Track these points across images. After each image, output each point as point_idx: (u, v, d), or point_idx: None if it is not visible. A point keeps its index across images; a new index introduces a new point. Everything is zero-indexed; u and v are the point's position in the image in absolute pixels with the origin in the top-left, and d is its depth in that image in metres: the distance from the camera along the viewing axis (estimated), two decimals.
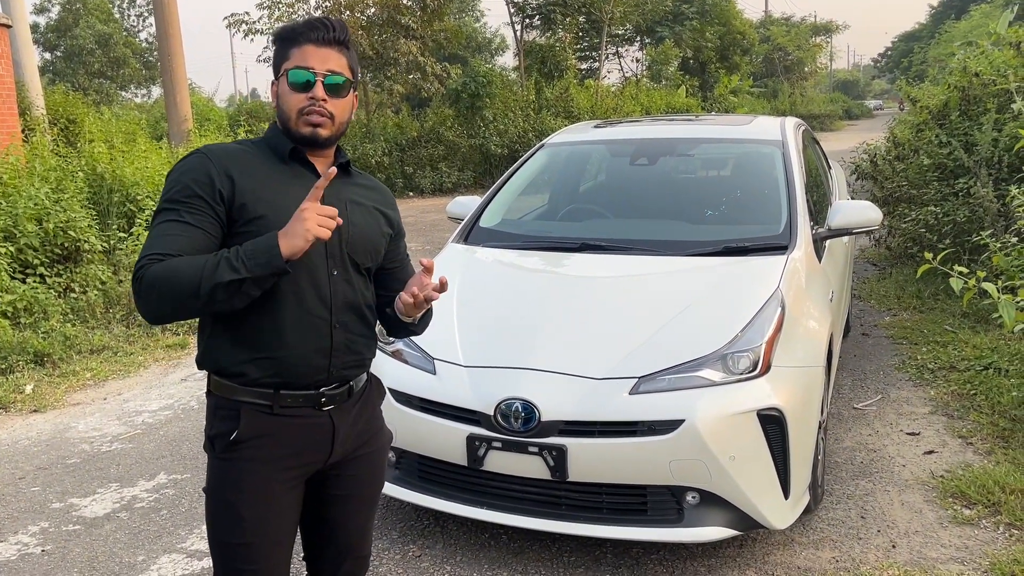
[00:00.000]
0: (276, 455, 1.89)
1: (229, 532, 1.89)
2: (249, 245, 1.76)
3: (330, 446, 1.96)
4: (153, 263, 1.74)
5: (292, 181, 1.91)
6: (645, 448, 2.94)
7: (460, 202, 4.75)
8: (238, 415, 1.87)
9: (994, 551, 3.19)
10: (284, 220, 1.78)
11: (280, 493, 1.91)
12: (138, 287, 1.75)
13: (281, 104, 1.92)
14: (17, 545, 3.52)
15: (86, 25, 36.69)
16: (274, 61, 1.97)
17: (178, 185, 1.82)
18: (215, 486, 1.91)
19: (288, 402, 1.89)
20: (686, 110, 25.18)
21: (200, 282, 1.71)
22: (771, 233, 3.89)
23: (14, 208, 6.68)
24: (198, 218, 1.80)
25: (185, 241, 1.77)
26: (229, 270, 1.71)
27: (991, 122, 6.87)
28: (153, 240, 1.78)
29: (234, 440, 1.86)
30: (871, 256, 8.58)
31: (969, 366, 5.13)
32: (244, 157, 1.90)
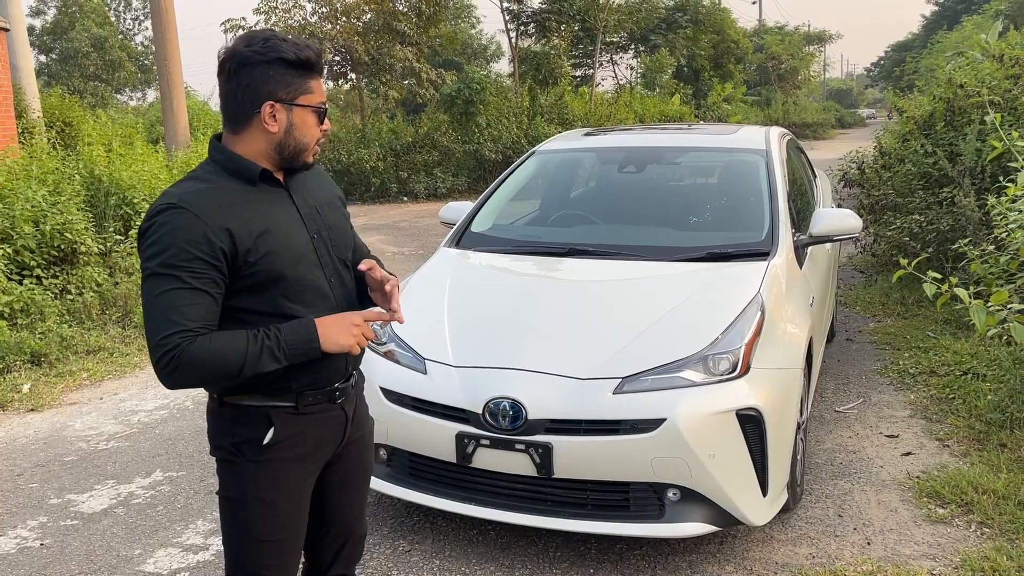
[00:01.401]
0: (304, 452, 2.00)
1: (270, 529, 1.98)
2: (289, 334, 1.85)
3: (343, 434, 2.10)
4: (187, 341, 1.76)
5: (271, 204, 1.93)
6: (628, 446, 3.04)
7: (453, 207, 4.85)
8: (267, 419, 1.94)
9: (965, 548, 3.30)
10: (280, 246, 1.89)
11: (307, 486, 2.05)
12: (174, 364, 1.75)
13: (300, 136, 1.92)
14: (16, 539, 3.61)
15: (82, 28, 36.72)
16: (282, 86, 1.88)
17: (173, 248, 1.78)
18: (250, 488, 1.96)
19: (309, 401, 1.99)
20: (679, 118, 25.34)
21: (243, 368, 1.80)
22: (753, 240, 4.00)
23: (11, 210, 6.76)
24: (203, 281, 1.80)
25: (201, 310, 1.79)
26: (271, 360, 1.83)
27: (975, 133, 7.01)
28: (167, 311, 1.77)
29: (268, 443, 1.94)
30: (858, 263, 8.70)
31: (949, 371, 5.25)
32: (222, 197, 1.86)
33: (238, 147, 1.92)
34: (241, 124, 1.90)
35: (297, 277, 1.93)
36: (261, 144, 1.91)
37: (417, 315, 3.77)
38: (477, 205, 4.77)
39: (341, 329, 1.91)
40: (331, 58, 19.06)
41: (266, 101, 1.87)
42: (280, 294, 1.91)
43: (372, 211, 16.07)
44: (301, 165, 1.98)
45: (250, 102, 1.88)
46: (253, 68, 1.86)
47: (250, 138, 1.91)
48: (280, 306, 1.91)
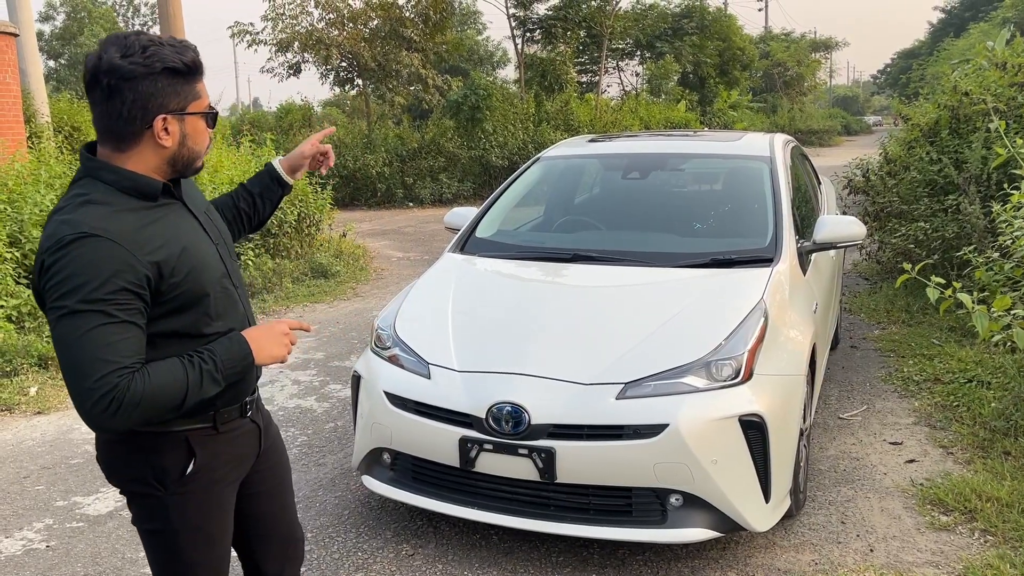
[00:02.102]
0: (225, 472, 1.95)
1: (205, 551, 1.95)
2: (224, 354, 1.79)
3: (258, 446, 2.07)
4: (125, 379, 1.63)
5: (175, 217, 1.84)
6: (631, 451, 3.05)
7: (458, 213, 4.87)
8: (187, 446, 1.86)
9: (968, 556, 3.30)
10: (199, 261, 1.82)
11: (232, 500, 2.02)
12: (115, 406, 1.62)
13: (193, 144, 1.82)
14: (22, 541, 3.63)
15: (91, 33, 36.97)
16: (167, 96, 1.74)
17: (95, 281, 1.63)
18: (177, 519, 1.89)
19: (225, 418, 1.93)
20: (685, 125, 25.36)
21: (186, 398, 1.72)
22: (757, 246, 4.02)
23: (20, 214, 6.80)
24: (131, 313, 1.67)
25: (133, 344, 1.67)
26: (212, 384, 1.77)
27: (980, 140, 7.02)
28: (99, 350, 1.62)
29: (191, 472, 1.86)
30: (863, 270, 8.70)
31: (953, 379, 5.24)
32: (133, 220, 1.73)
33: (128, 164, 1.77)
34: (128, 142, 1.75)
35: (215, 292, 1.87)
36: (152, 160, 1.78)
37: (421, 320, 3.79)
38: (482, 211, 4.79)
39: (272, 340, 1.88)
40: (338, 64, 19.13)
41: (157, 115, 1.74)
42: (203, 312, 1.84)
43: (377, 216, 16.11)
44: (191, 173, 1.88)
45: (140, 118, 1.73)
46: (138, 82, 1.70)
47: (140, 155, 1.77)
48: (200, 325, 1.84)
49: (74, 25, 37.91)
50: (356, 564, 3.36)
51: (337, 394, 5.48)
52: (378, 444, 3.50)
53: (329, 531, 3.64)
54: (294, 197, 9.94)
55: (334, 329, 7.27)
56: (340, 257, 10.20)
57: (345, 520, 3.74)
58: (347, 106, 29.73)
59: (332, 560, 3.40)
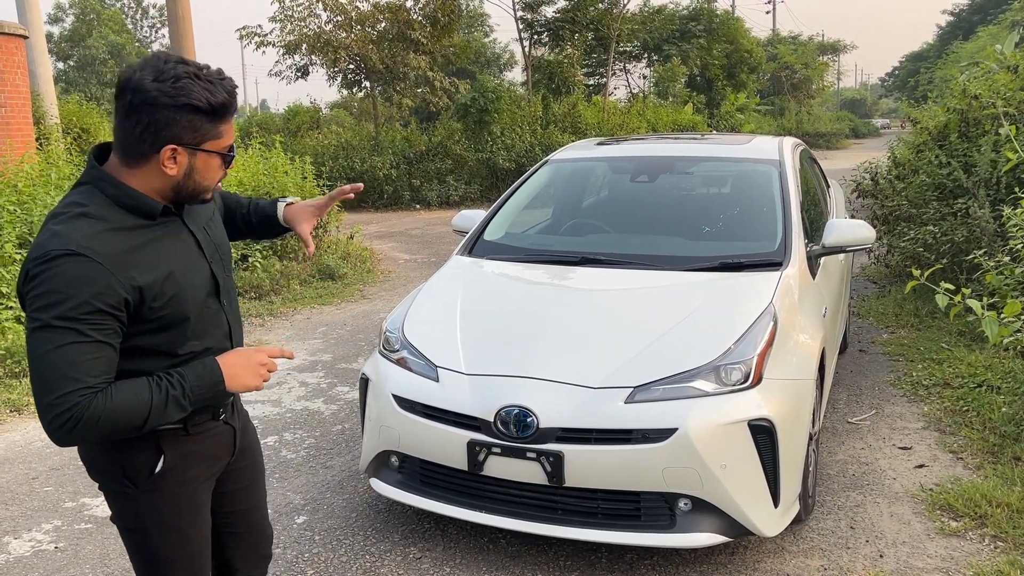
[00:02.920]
0: (197, 471, 1.97)
1: (178, 548, 1.96)
2: (194, 380, 1.78)
3: (233, 448, 2.09)
4: (87, 399, 1.64)
5: (169, 237, 1.86)
6: (639, 455, 3.04)
7: (465, 215, 4.87)
8: (156, 446, 1.88)
9: (978, 562, 3.28)
10: (183, 285, 1.83)
11: (206, 500, 2.04)
12: (71, 424, 1.63)
13: (201, 178, 1.83)
14: (31, 542, 3.64)
15: (99, 36, 37.14)
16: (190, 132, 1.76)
17: (72, 300, 1.63)
18: (150, 516, 1.91)
19: (196, 421, 1.94)
20: (692, 127, 25.33)
21: (147, 420, 1.72)
22: (766, 250, 4.01)
23: (29, 215, 6.83)
24: (105, 333, 1.68)
25: (102, 364, 1.68)
26: (177, 409, 1.76)
27: (989, 144, 6.99)
28: (64, 367, 1.63)
29: (161, 471, 1.88)
30: (871, 274, 8.67)
31: (963, 383, 5.22)
32: (123, 241, 1.74)
33: (132, 180, 1.78)
34: (137, 159, 1.77)
35: (199, 316, 1.88)
36: (156, 182, 1.79)
37: (429, 323, 3.79)
38: (490, 213, 4.79)
39: (247, 370, 1.86)
40: (346, 66, 19.17)
41: (167, 145, 1.74)
42: (180, 333, 1.85)
43: (385, 218, 16.13)
44: (197, 203, 1.91)
45: (150, 143, 1.74)
46: (158, 109, 1.71)
47: (145, 175, 1.78)
48: (177, 344, 1.85)
49: (83, 27, 38.08)
50: (364, 567, 3.36)
51: (345, 396, 5.49)
52: (386, 447, 3.50)
53: (337, 534, 3.64)
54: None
55: (341, 331, 7.28)
56: (347, 259, 10.21)
57: (353, 523, 3.74)
58: (354, 108, 29.79)
59: (340, 563, 3.40)
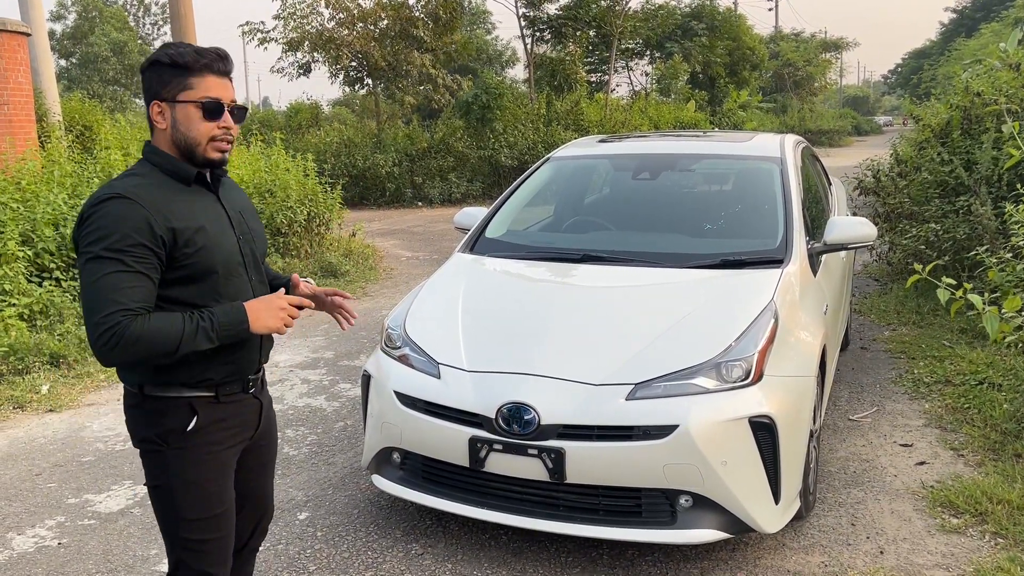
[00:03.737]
0: (224, 436, 2.16)
1: (202, 507, 2.13)
2: (222, 317, 2.00)
3: (258, 421, 2.28)
4: (128, 319, 1.88)
5: (204, 203, 2.11)
6: (640, 452, 3.05)
7: (467, 213, 4.88)
8: (190, 409, 2.08)
9: (979, 558, 3.29)
10: (213, 242, 2.06)
11: (231, 467, 2.21)
12: (114, 341, 1.87)
13: (186, 131, 2.04)
14: (35, 538, 3.65)
15: (101, 33, 37.13)
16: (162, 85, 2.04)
17: (117, 233, 1.91)
18: (178, 473, 2.10)
19: (227, 391, 2.15)
20: (694, 125, 25.31)
21: (179, 346, 1.94)
22: (767, 247, 4.01)
23: (32, 213, 6.84)
24: (145, 265, 1.94)
25: (141, 292, 1.93)
26: (206, 340, 1.98)
27: (991, 141, 6.99)
28: (110, 291, 1.89)
29: (192, 430, 2.08)
30: (873, 271, 8.67)
31: (964, 380, 5.22)
32: (163, 194, 2.02)
33: (160, 147, 2.09)
34: (152, 129, 2.09)
35: (227, 273, 2.09)
36: (163, 142, 2.07)
37: (431, 320, 3.80)
38: (492, 211, 4.79)
39: (269, 312, 2.06)
40: (348, 63, 19.17)
41: (152, 102, 2.05)
42: (210, 288, 2.06)
43: (387, 216, 16.14)
44: (205, 162, 2.09)
45: (146, 104, 2.08)
46: (143, 75, 2.08)
47: (158, 138, 2.08)
48: (207, 299, 2.06)
49: (85, 24, 38.07)
50: (366, 563, 3.38)
51: (347, 393, 5.50)
52: (388, 443, 3.51)
53: (339, 530, 3.65)
54: (303, 197, 9.97)
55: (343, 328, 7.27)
56: (349, 256, 10.22)
57: (355, 519, 3.75)
58: (357, 106, 29.77)
59: (342, 559, 3.41)
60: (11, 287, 6.26)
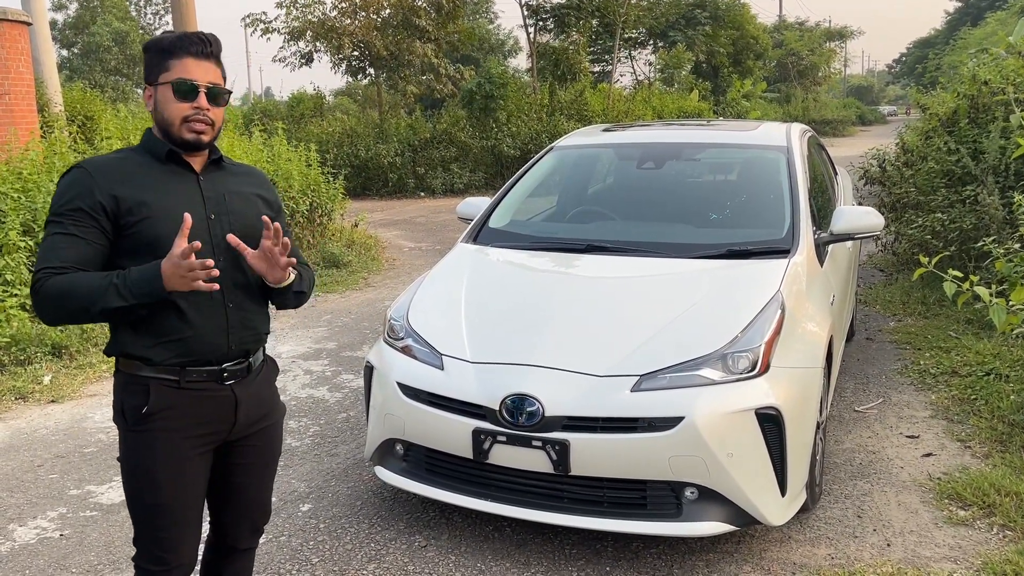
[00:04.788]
0: (184, 424, 2.11)
1: (147, 494, 2.11)
2: (135, 274, 1.95)
3: (233, 417, 2.19)
4: (48, 277, 1.96)
5: (171, 179, 2.13)
6: (645, 444, 3.02)
7: (470, 203, 4.84)
8: (147, 391, 2.08)
9: (987, 551, 3.26)
10: (166, 216, 2.05)
11: (190, 458, 2.14)
12: (36, 299, 1.98)
13: (163, 111, 2.10)
14: (36, 529, 3.64)
15: (103, 23, 37.00)
16: (149, 70, 2.13)
17: (62, 200, 2.02)
18: (130, 454, 2.12)
19: (193, 377, 2.11)
20: (698, 114, 25.20)
21: (90, 304, 1.95)
22: (774, 237, 3.97)
23: (33, 203, 6.81)
24: (82, 229, 2.00)
25: (73, 252, 1.99)
26: (117, 297, 1.94)
27: (998, 130, 6.92)
28: (44, 253, 1.99)
29: (146, 413, 2.08)
30: (878, 262, 8.63)
31: (971, 372, 5.19)
32: (122, 166, 2.10)
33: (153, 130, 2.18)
34: None
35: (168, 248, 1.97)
36: (154, 124, 2.16)
37: (434, 311, 3.77)
38: (495, 201, 4.75)
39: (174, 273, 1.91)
40: (350, 53, 19.09)
41: (146, 87, 2.15)
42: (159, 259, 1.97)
43: (389, 206, 16.10)
44: (179, 141, 2.11)
45: None
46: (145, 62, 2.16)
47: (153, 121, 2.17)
48: None
49: (87, 14, 37.94)
50: (368, 555, 3.36)
51: (349, 384, 5.47)
52: (391, 435, 3.48)
53: (341, 522, 3.63)
54: (306, 187, 9.93)
55: (346, 319, 7.26)
56: (352, 247, 10.19)
57: (358, 511, 3.73)
58: (359, 96, 29.69)
59: (344, 551, 3.39)
60: (13, 277, 6.24)
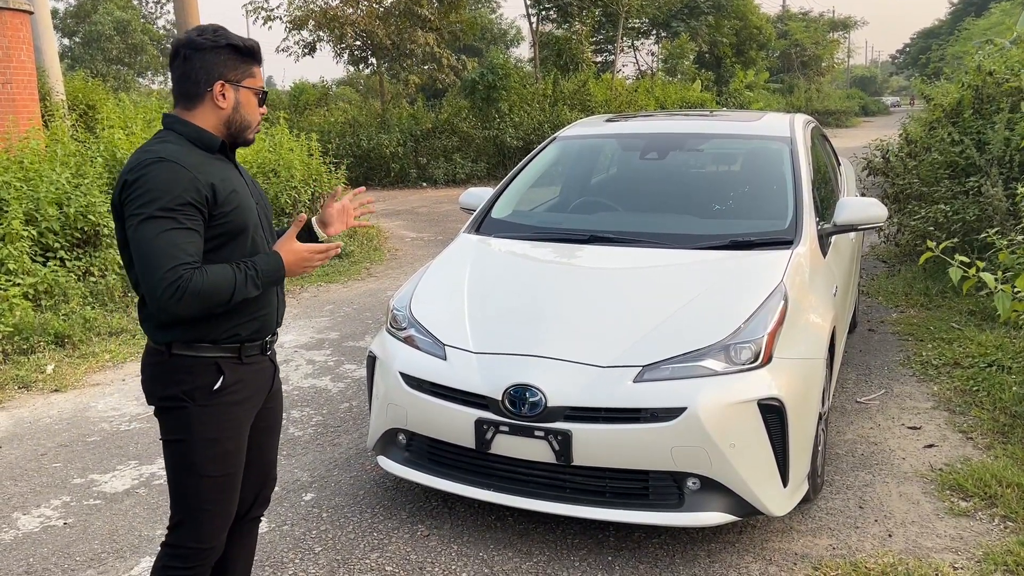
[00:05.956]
0: (245, 396, 2.28)
1: (214, 467, 2.22)
2: (263, 264, 2.18)
3: (271, 384, 2.41)
4: (189, 272, 2.03)
5: (228, 170, 2.24)
6: (648, 434, 3.03)
7: (473, 193, 4.83)
8: (216, 368, 2.20)
9: (988, 542, 3.27)
10: (246, 206, 2.22)
11: (247, 427, 2.32)
12: (180, 293, 2.01)
13: (245, 113, 2.24)
14: (40, 518, 3.65)
15: (105, 12, 36.92)
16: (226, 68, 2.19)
17: (168, 195, 2.05)
18: (198, 430, 2.20)
19: (250, 352, 2.28)
20: (701, 105, 25.12)
21: (233, 295, 2.11)
22: (777, 228, 3.96)
23: (36, 192, 6.81)
24: (195, 222, 2.09)
25: (195, 247, 2.08)
26: (254, 287, 2.15)
27: (1004, 121, 6.90)
28: (168, 249, 2.03)
29: (218, 388, 2.20)
30: (881, 253, 8.61)
31: (973, 363, 5.18)
32: (197, 157, 2.16)
33: (195, 121, 2.20)
34: (194, 102, 2.19)
35: (253, 235, 2.25)
36: (212, 119, 2.20)
37: (437, 301, 3.77)
38: (497, 191, 4.75)
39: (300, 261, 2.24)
40: (352, 42, 19.04)
41: (217, 80, 2.18)
42: (238, 249, 2.20)
43: (391, 196, 16.09)
44: (243, 141, 2.28)
45: (204, 81, 2.17)
46: (206, 53, 2.17)
47: (203, 113, 2.20)
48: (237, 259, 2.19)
49: (88, 3, 37.81)
50: (371, 544, 3.37)
51: (352, 374, 5.48)
52: (393, 425, 3.49)
53: (344, 511, 3.64)
54: (308, 177, 9.93)
55: (348, 309, 7.27)
56: (354, 237, 10.19)
57: (360, 500, 3.74)
58: (361, 85, 29.61)
59: (347, 540, 3.41)
60: (16, 267, 6.24)
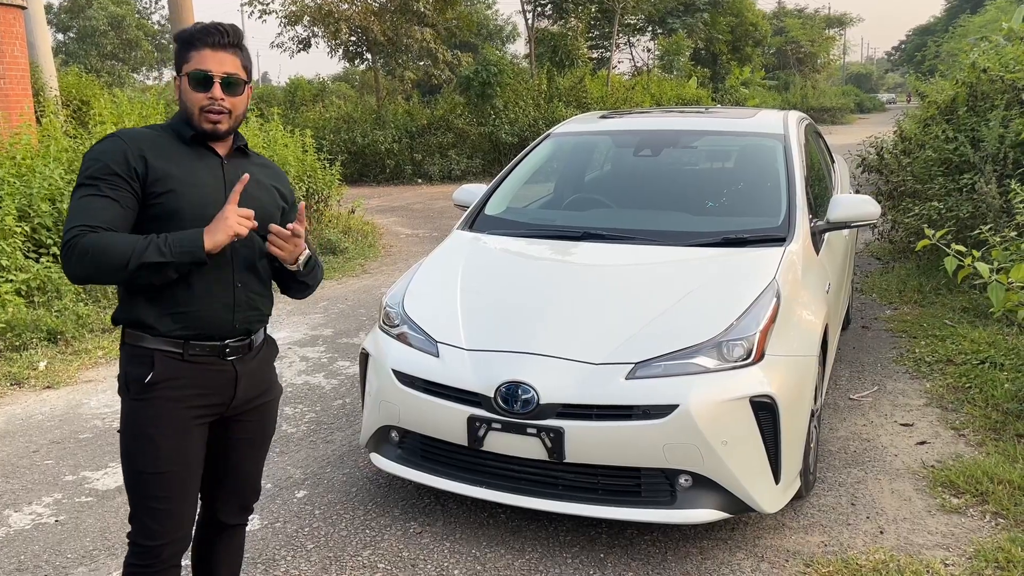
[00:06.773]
0: (185, 395, 2.17)
1: (147, 462, 2.15)
2: (177, 235, 2.06)
3: (233, 392, 2.26)
4: (85, 233, 2.00)
5: (196, 161, 2.20)
6: (640, 432, 3.03)
7: (467, 190, 4.82)
8: (152, 361, 2.14)
9: (979, 538, 3.28)
10: (189, 191, 2.14)
11: (189, 429, 2.20)
12: (69, 252, 2.00)
13: (184, 100, 2.19)
14: (31, 515, 3.64)
15: (99, 7, 36.81)
16: (176, 61, 2.22)
17: (97, 164, 2.07)
18: (132, 423, 2.17)
19: (196, 351, 2.18)
20: (697, 101, 25.12)
21: (130, 258, 2.00)
22: (770, 225, 3.97)
23: (29, 188, 6.79)
24: (117, 192, 2.07)
25: (107, 213, 2.04)
26: (156, 253, 2.02)
27: (998, 118, 6.91)
28: (78, 212, 2.04)
29: (149, 382, 2.13)
30: (875, 250, 8.63)
31: (966, 360, 5.20)
32: (154, 139, 2.17)
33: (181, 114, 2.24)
34: None
35: (190, 222, 2.10)
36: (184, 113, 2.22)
37: (430, 298, 3.76)
38: (491, 188, 4.74)
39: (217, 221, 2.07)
40: (347, 38, 19.00)
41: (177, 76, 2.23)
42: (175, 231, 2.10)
43: (386, 193, 16.07)
44: (199, 130, 2.18)
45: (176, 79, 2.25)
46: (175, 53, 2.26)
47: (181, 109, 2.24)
48: None
49: None
50: (364, 541, 3.37)
51: (345, 371, 5.48)
52: (386, 422, 3.49)
53: (337, 508, 3.64)
54: (302, 173, 9.91)
55: (342, 306, 7.26)
56: (348, 233, 10.17)
57: (353, 497, 3.74)
58: (356, 81, 29.56)
59: (340, 537, 3.40)
60: (8, 262, 6.22)
